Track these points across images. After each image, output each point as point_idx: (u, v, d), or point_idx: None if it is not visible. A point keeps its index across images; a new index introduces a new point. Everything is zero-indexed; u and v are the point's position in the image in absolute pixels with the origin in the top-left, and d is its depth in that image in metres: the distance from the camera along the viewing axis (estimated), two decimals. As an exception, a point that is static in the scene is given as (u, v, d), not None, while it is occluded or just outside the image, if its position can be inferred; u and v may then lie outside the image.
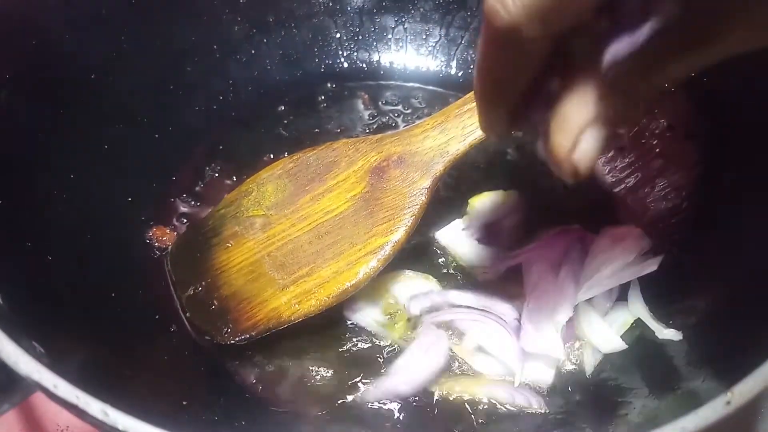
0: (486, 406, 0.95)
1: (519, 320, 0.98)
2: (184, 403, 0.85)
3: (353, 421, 0.94)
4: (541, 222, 1.10)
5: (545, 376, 0.96)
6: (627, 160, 1.19)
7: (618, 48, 0.57)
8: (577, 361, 1.00)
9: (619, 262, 1.01)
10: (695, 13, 0.54)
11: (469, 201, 1.10)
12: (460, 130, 1.00)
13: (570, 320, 0.97)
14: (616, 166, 1.18)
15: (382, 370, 0.98)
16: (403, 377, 0.96)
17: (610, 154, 1.16)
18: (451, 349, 1.00)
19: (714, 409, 0.62)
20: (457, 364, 0.99)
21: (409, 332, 1.02)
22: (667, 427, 0.61)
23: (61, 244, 0.95)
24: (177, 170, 1.22)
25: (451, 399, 0.96)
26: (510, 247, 1.09)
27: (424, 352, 0.98)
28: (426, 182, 0.99)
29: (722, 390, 0.65)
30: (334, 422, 0.94)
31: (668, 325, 0.96)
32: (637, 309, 1.00)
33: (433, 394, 0.96)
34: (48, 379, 0.61)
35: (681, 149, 1.12)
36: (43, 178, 0.98)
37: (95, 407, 0.59)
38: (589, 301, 1.01)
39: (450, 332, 1.01)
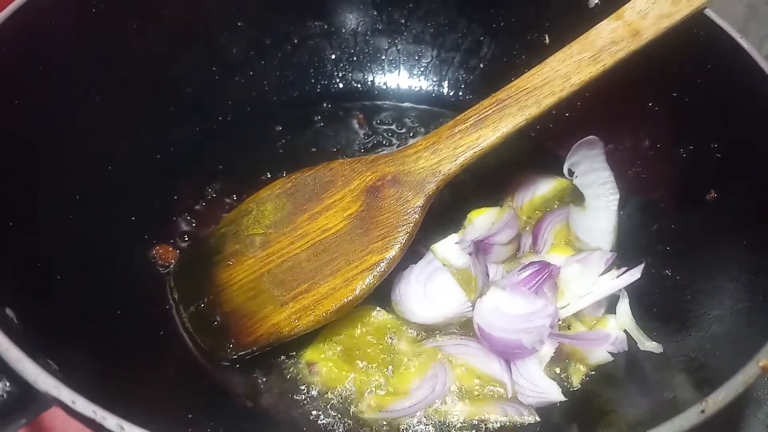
0: (482, 423, 0.99)
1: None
2: (190, 416, 0.88)
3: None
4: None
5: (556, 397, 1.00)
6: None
7: None
8: (565, 374, 1.04)
9: (589, 279, 1.06)
10: None
11: (468, 215, 1.14)
12: (452, 150, 1.04)
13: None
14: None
15: (385, 393, 1.02)
16: (408, 402, 1.00)
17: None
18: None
19: (688, 418, 0.66)
20: (454, 388, 1.03)
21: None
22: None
23: (67, 263, 0.98)
24: (178, 190, 1.26)
25: (449, 420, 0.99)
26: (497, 261, 1.14)
27: (430, 380, 1.02)
28: (419, 201, 1.03)
29: (697, 399, 0.69)
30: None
31: (651, 338, 1.00)
32: (623, 321, 1.04)
33: (431, 417, 1.00)
34: (66, 395, 0.64)
35: (662, 168, 1.16)
36: (48, 199, 1.00)
37: (111, 422, 0.62)
38: (576, 315, 1.06)
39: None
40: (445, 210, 1.18)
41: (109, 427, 0.63)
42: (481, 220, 1.14)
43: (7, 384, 0.69)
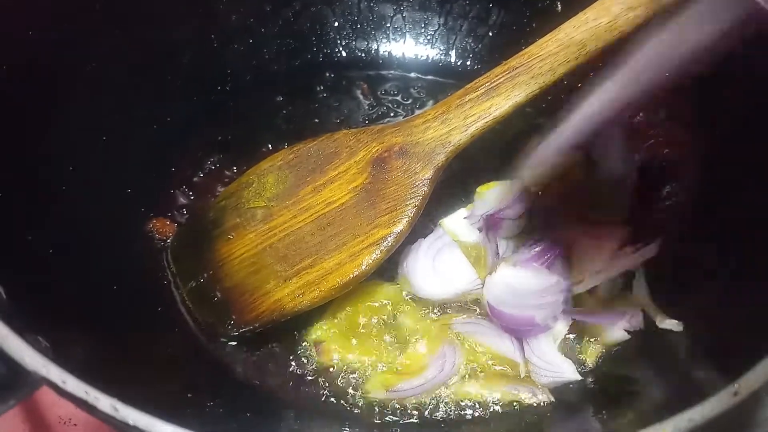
0: (493, 404, 0.96)
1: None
2: (189, 395, 0.85)
3: (359, 420, 0.95)
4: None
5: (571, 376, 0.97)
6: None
7: None
8: (579, 353, 1.01)
9: (605, 254, 1.02)
10: None
11: (478, 189, 1.10)
12: (462, 120, 0.99)
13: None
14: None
15: (393, 372, 0.99)
16: (417, 382, 0.97)
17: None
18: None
19: (721, 400, 0.62)
20: (464, 368, 1.00)
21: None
22: (675, 419, 0.61)
23: (60, 236, 0.94)
24: (176, 161, 1.22)
25: (459, 400, 0.97)
26: (507, 237, 1.10)
27: (439, 359, 0.99)
28: (428, 173, 0.99)
29: (724, 381, 0.66)
30: (339, 419, 0.95)
31: (670, 315, 0.96)
32: (640, 298, 1.01)
33: (440, 397, 0.97)
34: (56, 375, 0.60)
35: (680, 140, 1.12)
36: (41, 170, 0.97)
37: (105, 402, 0.59)
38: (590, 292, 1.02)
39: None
40: (454, 183, 1.14)
41: (102, 408, 0.59)
42: (491, 194, 1.09)
43: (-6, 362, 0.65)
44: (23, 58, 0.97)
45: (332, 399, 0.96)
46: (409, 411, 0.95)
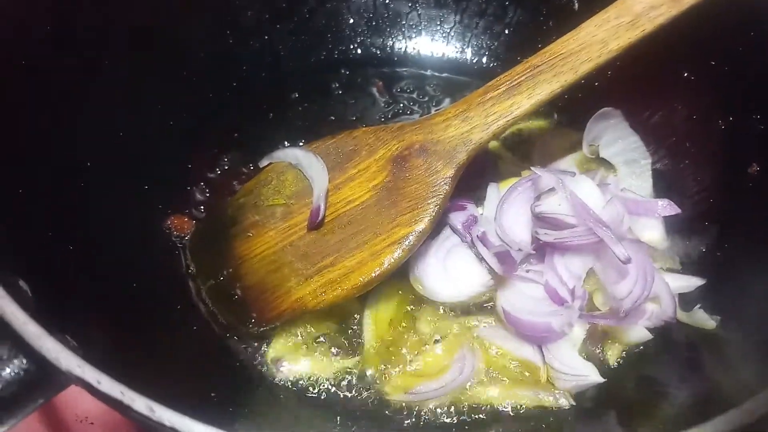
0: (513, 407, 0.95)
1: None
2: (213, 395, 0.84)
3: (383, 421, 0.94)
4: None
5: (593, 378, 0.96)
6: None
7: None
8: (600, 354, 1.00)
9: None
10: None
11: (499, 186, 1.10)
12: (483, 118, 0.98)
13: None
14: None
15: (412, 374, 0.99)
16: (435, 384, 0.96)
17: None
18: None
19: (759, 403, 0.61)
20: (484, 371, 0.99)
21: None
22: (714, 422, 0.60)
23: (79, 234, 0.93)
24: (192, 159, 1.21)
25: (479, 403, 0.96)
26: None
27: (458, 363, 0.98)
28: (449, 171, 0.98)
29: (761, 382, 0.65)
30: (363, 421, 0.94)
31: (696, 314, 0.96)
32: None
33: (462, 399, 0.96)
34: (91, 375, 0.60)
35: (701, 139, 1.11)
36: (59, 168, 0.96)
37: (141, 403, 0.58)
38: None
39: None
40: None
41: (138, 409, 0.58)
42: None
43: (24, 361, 0.64)
44: (38, 56, 0.96)
45: (350, 399, 0.97)
46: (427, 413, 0.95)
